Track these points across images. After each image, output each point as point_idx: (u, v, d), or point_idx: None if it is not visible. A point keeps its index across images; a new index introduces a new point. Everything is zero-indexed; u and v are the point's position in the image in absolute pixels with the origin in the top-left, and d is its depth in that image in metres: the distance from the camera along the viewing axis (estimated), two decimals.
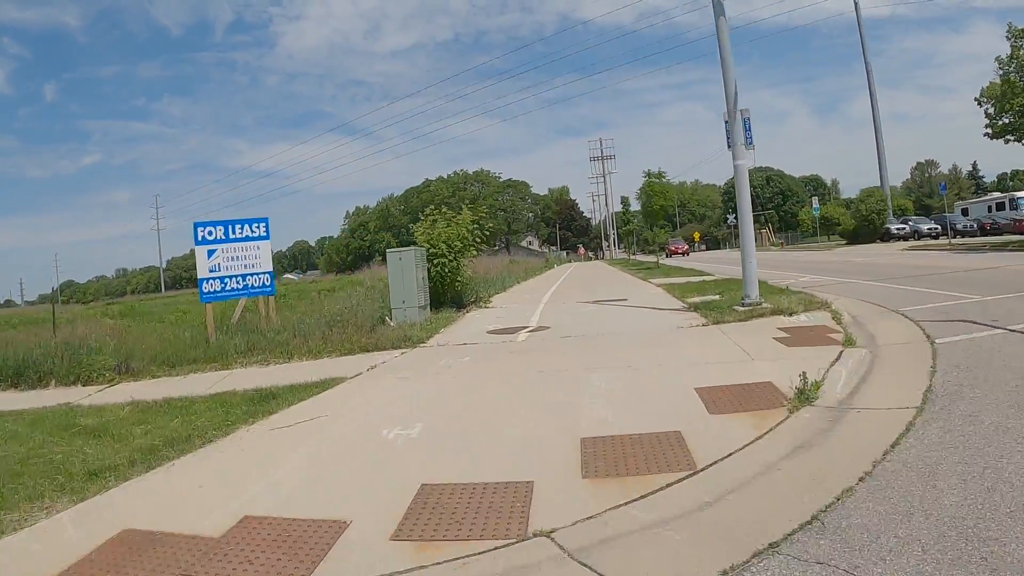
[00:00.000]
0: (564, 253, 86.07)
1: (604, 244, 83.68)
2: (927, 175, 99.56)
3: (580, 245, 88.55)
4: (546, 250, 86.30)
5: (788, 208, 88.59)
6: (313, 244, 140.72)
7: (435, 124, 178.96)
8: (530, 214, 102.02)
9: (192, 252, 11.12)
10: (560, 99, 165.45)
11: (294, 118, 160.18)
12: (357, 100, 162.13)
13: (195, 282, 12.26)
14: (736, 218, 10.35)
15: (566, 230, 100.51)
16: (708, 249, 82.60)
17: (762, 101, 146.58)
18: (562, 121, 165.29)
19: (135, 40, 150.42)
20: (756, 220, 65.68)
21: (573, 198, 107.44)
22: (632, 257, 47.28)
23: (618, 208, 72.53)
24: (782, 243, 50.29)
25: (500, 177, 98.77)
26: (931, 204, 67.95)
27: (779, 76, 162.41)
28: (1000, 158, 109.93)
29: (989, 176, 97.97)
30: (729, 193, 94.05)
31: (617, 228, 66.43)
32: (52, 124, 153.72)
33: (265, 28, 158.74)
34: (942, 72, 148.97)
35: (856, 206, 39.18)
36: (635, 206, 46.62)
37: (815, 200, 44.06)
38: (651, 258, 34.47)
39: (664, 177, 29.31)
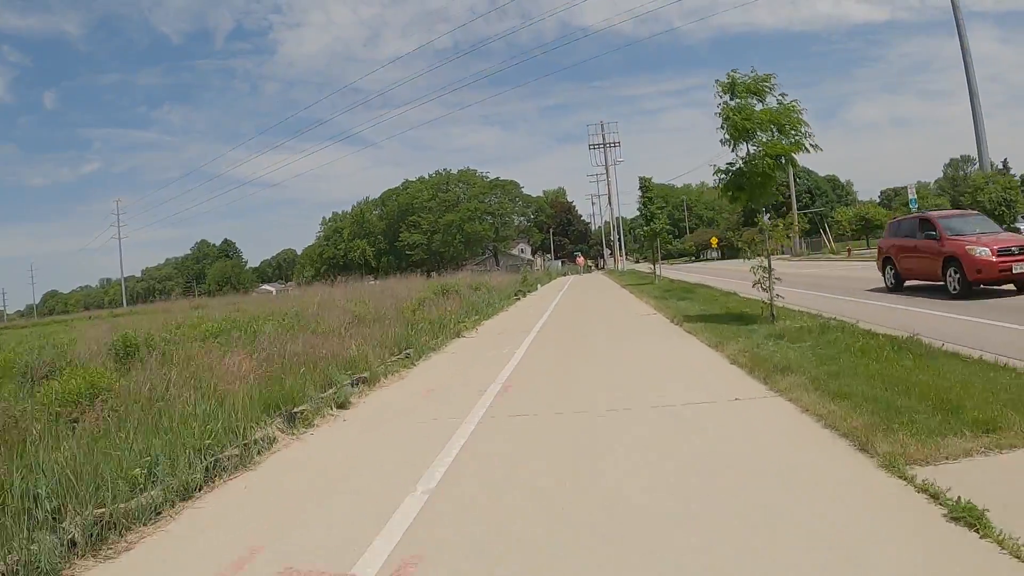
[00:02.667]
0: (560, 263, 73.72)
1: (606, 252, 70.75)
2: (961, 173, 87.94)
3: (579, 253, 75.81)
4: (536, 259, 73.88)
5: (817, 208, 76.56)
6: (300, 253, 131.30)
7: (434, 131, 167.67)
8: (521, 217, 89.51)
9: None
10: (559, 105, 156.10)
11: (294, 124, 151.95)
12: (355, 108, 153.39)
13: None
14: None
15: (562, 235, 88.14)
16: (724, 258, 69.70)
17: None
18: (561, 128, 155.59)
19: (135, 48, 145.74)
20: (810, 221, 53.27)
21: (570, 200, 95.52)
22: (658, 273, 26.22)
23: (620, 213, 59.75)
24: (849, 250, 37.02)
25: (487, 177, 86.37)
26: (962, 204, 55.31)
27: (778, 81, 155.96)
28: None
29: (1016, 174, 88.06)
30: None
31: (623, 232, 53.33)
32: (52, 132, 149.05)
33: (265, 36, 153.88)
34: (941, 77, 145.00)
35: (973, 196, 26.75)
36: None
37: (911, 189, 31.13)
38: (724, 279, 20.17)
39: (772, 87, 9.09)
